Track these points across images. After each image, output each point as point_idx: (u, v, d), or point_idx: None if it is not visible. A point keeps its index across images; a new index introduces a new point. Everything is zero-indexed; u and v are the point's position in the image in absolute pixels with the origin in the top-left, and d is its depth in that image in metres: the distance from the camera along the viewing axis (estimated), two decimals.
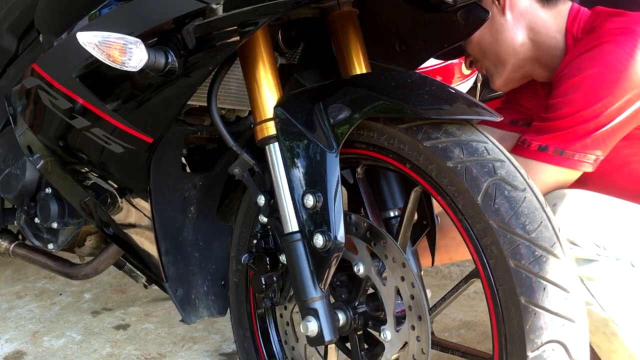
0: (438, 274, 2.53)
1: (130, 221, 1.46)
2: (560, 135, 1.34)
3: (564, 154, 1.34)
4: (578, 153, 1.34)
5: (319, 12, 1.31)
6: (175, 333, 2.07)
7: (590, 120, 1.32)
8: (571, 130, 1.33)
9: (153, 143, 1.25)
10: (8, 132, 1.62)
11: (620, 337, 1.27)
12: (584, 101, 1.32)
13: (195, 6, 1.02)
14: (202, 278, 1.53)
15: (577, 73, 1.35)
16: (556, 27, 1.49)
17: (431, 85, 1.09)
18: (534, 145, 1.36)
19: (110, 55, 1.03)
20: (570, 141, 1.34)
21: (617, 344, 1.28)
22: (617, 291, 1.27)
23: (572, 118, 1.33)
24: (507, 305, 0.98)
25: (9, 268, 2.75)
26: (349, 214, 1.16)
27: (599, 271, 1.27)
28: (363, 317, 1.19)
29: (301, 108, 1.13)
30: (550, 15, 1.49)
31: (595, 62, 1.33)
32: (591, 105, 1.32)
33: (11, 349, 2.00)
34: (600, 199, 1.34)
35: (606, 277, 1.27)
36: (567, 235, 1.26)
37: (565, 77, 1.37)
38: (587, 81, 1.32)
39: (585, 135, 1.33)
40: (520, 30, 1.50)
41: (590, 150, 1.34)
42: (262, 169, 1.21)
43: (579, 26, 1.47)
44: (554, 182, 1.35)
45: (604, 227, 1.31)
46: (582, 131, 1.33)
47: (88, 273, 1.72)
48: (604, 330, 1.28)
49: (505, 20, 1.50)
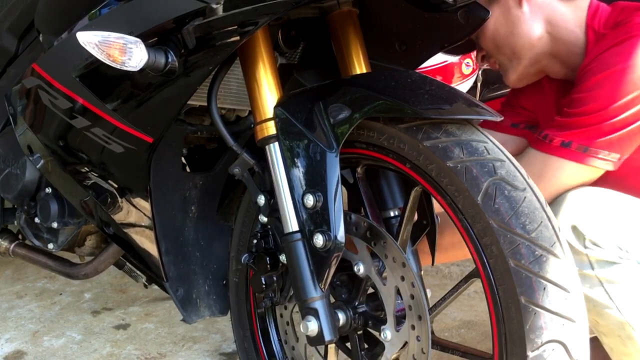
0: (438, 274, 2.53)
1: (130, 221, 1.46)
2: (585, 131, 1.29)
3: (588, 151, 1.29)
4: (603, 150, 1.29)
5: (319, 12, 1.31)
6: (175, 333, 2.08)
7: (616, 116, 1.27)
8: (596, 127, 1.28)
9: (153, 143, 1.25)
10: (8, 131, 1.62)
11: (637, 341, 1.26)
12: (611, 97, 1.27)
13: (195, 6, 1.02)
14: (204, 277, 1.53)
15: (604, 68, 1.30)
16: (575, 21, 1.44)
17: (431, 85, 1.09)
18: (556, 140, 1.32)
19: (110, 55, 1.02)
20: (595, 138, 1.28)
21: (632, 347, 1.27)
22: (636, 295, 1.24)
23: (598, 114, 1.28)
24: (507, 305, 0.98)
25: (9, 268, 2.75)
26: (349, 214, 1.16)
27: (619, 274, 1.24)
28: (363, 317, 1.19)
29: (301, 108, 1.13)
30: (569, 9, 1.44)
31: (624, 57, 1.28)
32: (617, 101, 1.27)
33: (11, 348, 2.00)
34: (622, 200, 1.31)
35: (626, 281, 1.24)
36: (589, 236, 1.24)
37: (591, 71, 1.32)
38: (614, 77, 1.28)
39: (611, 132, 1.28)
40: (538, 24, 1.45)
41: (615, 148, 1.29)
42: (262, 168, 1.21)
43: (601, 21, 1.42)
44: (574, 180, 1.31)
45: (627, 229, 1.27)
46: (608, 128, 1.28)
47: (88, 273, 1.72)
48: (619, 334, 1.26)
49: (522, 13, 1.45)
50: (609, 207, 1.28)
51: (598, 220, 1.26)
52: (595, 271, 1.25)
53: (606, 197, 1.30)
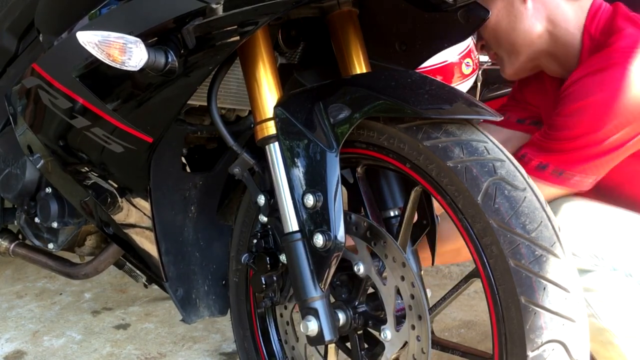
0: (438, 274, 2.53)
1: (130, 221, 1.46)
2: (562, 156, 1.32)
3: (564, 174, 1.33)
4: (578, 174, 1.33)
5: (319, 12, 1.31)
6: (175, 333, 2.08)
7: (594, 146, 1.30)
8: (574, 153, 1.32)
9: (153, 143, 1.25)
10: (8, 131, 1.62)
11: (618, 346, 1.27)
12: (590, 126, 1.30)
13: (195, 6, 1.02)
14: (203, 278, 1.53)
15: (584, 96, 1.31)
16: (576, 22, 1.44)
17: (431, 84, 1.09)
18: (533, 162, 1.35)
19: (110, 54, 1.02)
20: (571, 163, 1.32)
21: (613, 352, 1.29)
22: (613, 301, 1.27)
23: (575, 141, 1.31)
24: (507, 305, 0.98)
25: (9, 268, 2.75)
26: (349, 214, 1.16)
27: (595, 282, 1.27)
28: (363, 317, 1.19)
29: (301, 108, 1.13)
30: (572, 9, 1.44)
31: (604, 86, 1.30)
32: (596, 131, 1.29)
33: (11, 348, 2.00)
34: (598, 209, 1.34)
35: (602, 288, 1.27)
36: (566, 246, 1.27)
37: (572, 96, 1.34)
38: (593, 106, 1.30)
39: (588, 159, 1.31)
40: (539, 21, 1.45)
41: (591, 172, 1.33)
42: (262, 168, 1.21)
43: (598, 26, 1.42)
44: (549, 197, 1.33)
45: (601, 237, 1.30)
46: (585, 155, 1.31)
47: (88, 273, 1.72)
48: (601, 339, 1.28)
49: (526, 9, 1.44)
50: (583, 217, 1.31)
51: (574, 231, 1.28)
52: None
53: (581, 207, 1.33)
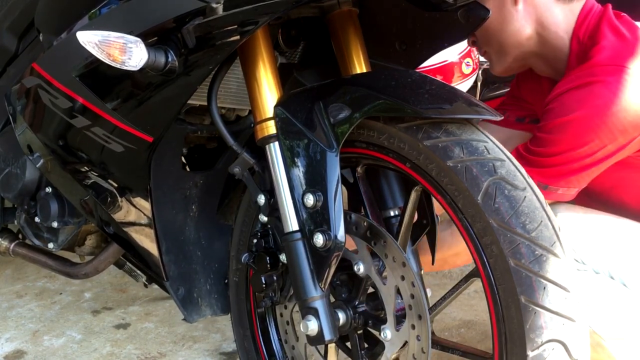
0: (438, 273, 2.53)
1: (130, 220, 1.46)
2: (545, 171, 1.34)
3: (547, 188, 1.34)
4: (561, 187, 1.35)
5: (319, 12, 1.31)
6: (175, 332, 2.08)
7: (576, 161, 1.33)
8: (556, 168, 1.34)
9: (153, 142, 1.25)
10: (8, 131, 1.62)
11: (606, 347, 1.29)
12: (571, 143, 1.32)
13: (196, 5, 1.02)
14: (205, 277, 1.53)
15: (565, 113, 1.33)
16: (565, 26, 1.45)
17: (431, 84, 1.09)
18: None
19: (110, 54, 1.02)
20: (554, 178, 1.34)
21: (603, 354, 1.30)
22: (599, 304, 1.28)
23: (558, 157, 1.33)
24: (507, 305, 0.98)
25: (9, 267, 2.75)
26: (349, 213, 1.16)
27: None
28: (363, 317, 1.19)
29: (301, 107, 1.13)
30: (562, 12, 1.45)
31: (585, 104, 1.31)
32: (577, 148, 1.31)
33: (11, 348, 2.00)
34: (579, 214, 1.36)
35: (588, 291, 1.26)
36: None
37: (553, 112, 1.35)
38: (574, 123, 1.31)
39: (570, 174, 1.34)
40: (529, 23, 1.46)
41: (573, 185, 1.35)
42: (262, 168, 1.21)
43: (587, 30, 1.42)
44: None
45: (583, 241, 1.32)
46: (567, 170, 1.34)
47: (88, 272, 1.72)
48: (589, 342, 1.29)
49: (516, 11, 1.45)
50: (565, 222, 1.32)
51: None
52: None
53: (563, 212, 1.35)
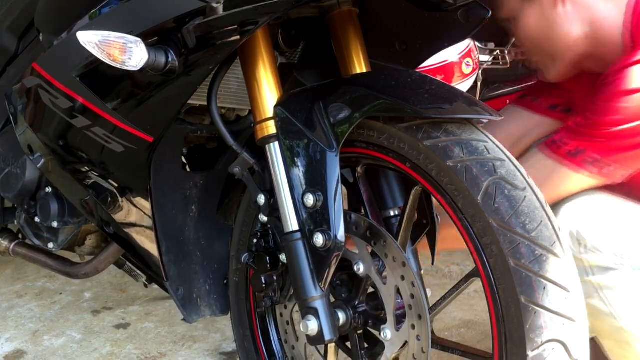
0: (438, 273, 2.53)
1: (130, 220, 1.46)
2: (602, 143, 1.24)
3: (599, 162, 1.25)
4: (613, 164, 1.25)
5: (319, 12, 1.31)
6: (175, 332, 2.08)
7: (637, 136, 1.23)
8: (614, 141, 1.24)
9: (153, 142, 1.25)
10: (8, 131, 1.62)
11: (633, 346, 1.26)
12: (635, 115, 1.22)
13: (196, 5, 1.02)
14: (204, 277, 1.52)
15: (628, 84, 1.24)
16: (614, 21, 1.35)
17: (431, 84, 1.09)
18: (568, 147, 1.27)
19: (111, 54, 1.02)
20: (610, 151, 1.24)
21: (629, 352, 1.27)
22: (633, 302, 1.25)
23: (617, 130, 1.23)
24: (507, 305, 0.98)
25: (9, 267, 2.75)
26: (349, 213, 1.16)
27: (617, 280, 1.24)
28: (363, 316, 1.19)
29: (301, 107, 1.13)
30: (607, 9, 1.36)
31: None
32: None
33: (11, 348, 2.00)
34: (621, 206, 1.29)
35: (624, 287, 1.24)
36: (591, 240, 1.24)
37: (618, 82, 1.25)
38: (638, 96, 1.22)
39: (628, 149, 1.24)
40: (575, 24, 1.37)
41: (627, 165, 1.26)
42: (262, 168, 1.21)
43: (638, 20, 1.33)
44: (579, 187, 1.29)
45: (624, 236, 1.25)
46: (626, 145, 1.24)
47: (88, 272, 1.72)
48: (617, 338, 1.27)
49: (557, 14, 1.37)
50: (608, 213, 1.28)
51: (598, 226, 1.25)
52: (591, 277, 1.26)
53: (606, 203, 1.29)
